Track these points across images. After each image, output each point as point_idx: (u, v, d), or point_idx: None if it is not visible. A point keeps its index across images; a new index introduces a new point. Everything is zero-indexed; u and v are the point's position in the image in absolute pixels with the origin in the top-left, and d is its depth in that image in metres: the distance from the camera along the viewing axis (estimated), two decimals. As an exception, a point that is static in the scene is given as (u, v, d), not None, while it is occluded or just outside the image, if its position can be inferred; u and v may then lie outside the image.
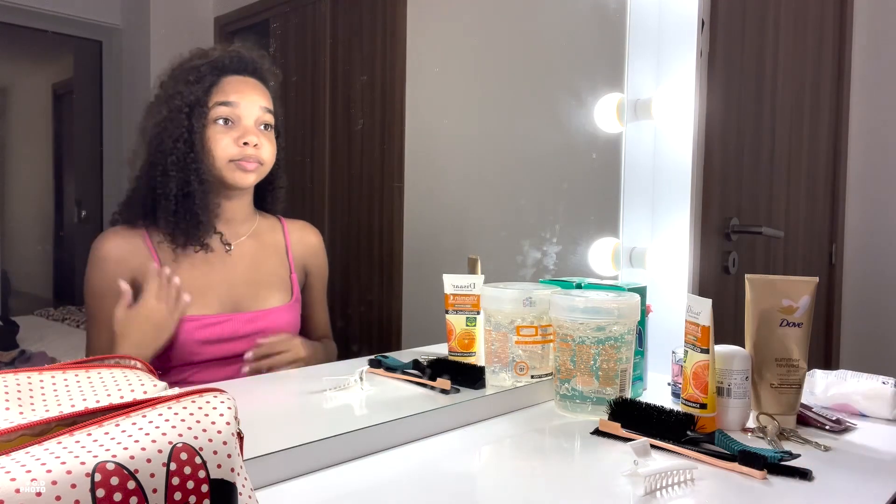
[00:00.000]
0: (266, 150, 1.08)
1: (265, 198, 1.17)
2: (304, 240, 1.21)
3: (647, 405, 0.91)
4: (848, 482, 0.80)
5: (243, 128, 1.05)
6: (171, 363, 1.02)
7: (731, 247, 1.73)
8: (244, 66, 1.08)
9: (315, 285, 1.22)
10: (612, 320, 0.98)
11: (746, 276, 1.04)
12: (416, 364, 1.06)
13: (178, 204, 1.02)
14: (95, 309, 1.01)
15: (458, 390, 1.00)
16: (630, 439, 0.85)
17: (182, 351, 1.02)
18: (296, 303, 1.14)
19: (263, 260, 1.13)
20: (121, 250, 1.02)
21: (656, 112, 1.33)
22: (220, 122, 1.04)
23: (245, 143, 1.05)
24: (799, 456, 0.84)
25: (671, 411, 0.89)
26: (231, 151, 1.04)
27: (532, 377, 1.06)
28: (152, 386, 0.50)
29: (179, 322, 1.01)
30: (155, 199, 1.02)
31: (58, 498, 0.37)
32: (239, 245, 1.11)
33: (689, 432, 0.87)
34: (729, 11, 1.68)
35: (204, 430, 0.44)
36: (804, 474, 0.79)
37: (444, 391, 1.00)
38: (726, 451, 0.83)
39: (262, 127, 1.08)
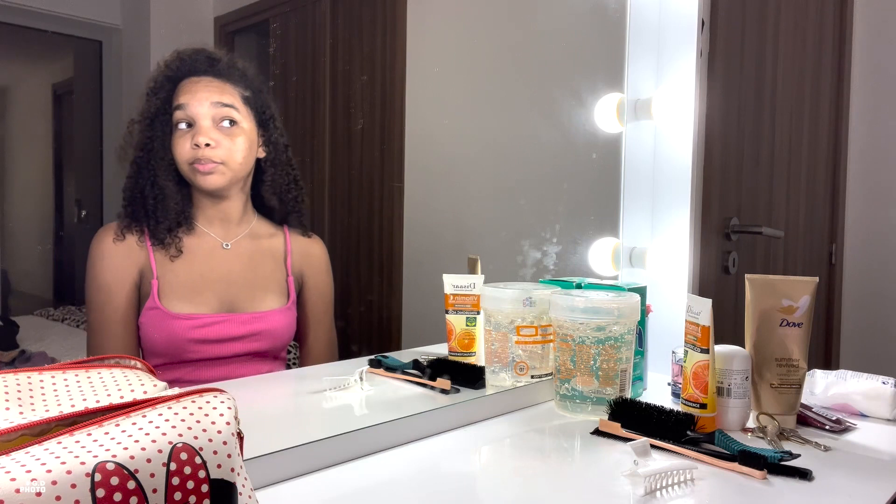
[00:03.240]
0: (223, 150, 1.04)
1: (263, 197, 1.16)
2: (306, 250, 1.19)
3: (647, 405, 0.91)
4: (848, 482, 0.80)
5: (197, 128, 1.03)
6: (163, 360, 1.03)
7: (731, 247, 1.73)
8: (195, 67, 1.06)
9: (313, 299, 1.19)
10: (612, 320, 0.98)
11: (746, 276, 1.04)
12: (416, 364, 1.06)
13: (151, 209, 1.04)
14: (100, 303, 1.01)
15: (458, 390, 1.00)
16: (630, 439, 0.85)
17: (176, 349, 1.02)
18: (292, 306, 1.14)
19: (260, 261, 1.13)
20: (121, 244, 1.02)
21: (656, 112, 1.33)
22: (182, 125, 1.04)
23: (196, 145, 1.03)
24: (799, 456, 0.84)
25: (671, 411, 0.89)
26: (186, 153, 1.03)
27: (532, 377, 1.06)
28: (152, 386, 0.50)
29: (174, 320, 1.01)
30: (137, 206, 1.04)
31: (58, 498, 0.36)
32: (236, 244, 1.11)
33: (689, 432, 0.87)
34: (729, 11, 1.68)
35: (204, 430, 0.44)
36: (804, 474, 0.79)
37: (444, 391, 1.00)
38: (726, 451, 0.83)
39: (223, 124, 1.05)
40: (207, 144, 1.03)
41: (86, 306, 1.03)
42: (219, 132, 1.04)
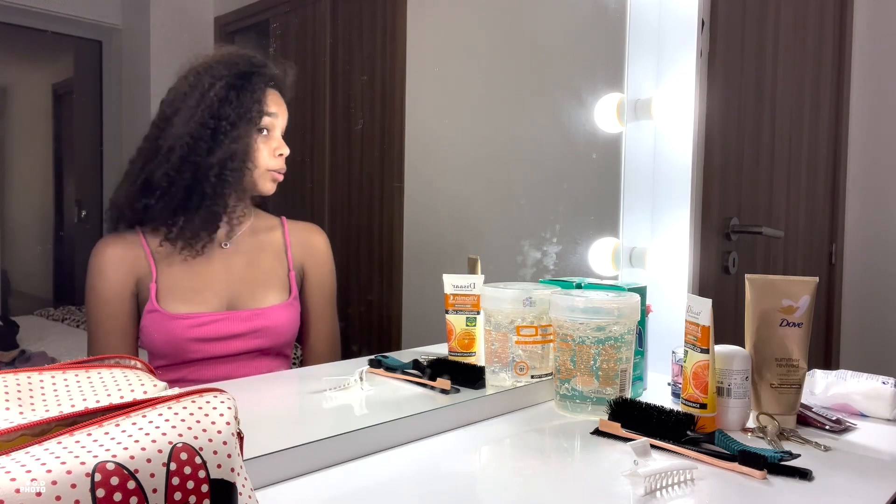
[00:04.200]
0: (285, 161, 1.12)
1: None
2: (306, 241, 1.19)
3: (647, 405, 0.91)
4: (848, 482, 0.80)
5: (277, 139, 1.09)
6: (166, 361, 1.03)
7: (731, 247, 1.73)
8: (279, 82, 1.12)
9: (315, 291, 1.19)
10: (612, 320, 0.98)
11: (746, 276, 1.04)
12: (416, 364, 1.06)
13: (202, 207, 1.02)
14: (100, 315, 1.02)
15: (458, 390, 1.00)
16: (630, 439, 0.85)
17: (177, 349, 1.02)
18: (294, 300, 1.14)
19: (260, 257, 1.13)
20: (120, 255, 1.03)
21: (656, 112, 1.33)
22: (262, 131, 1.08)
23: (280, 155, 1.09)
24: (799, 456, 0.84)
25: (671, 411, 0.89)
26: (271, 162, 1.09)
27: (532, 377, 1.06)
28: (152, 386, 0.50)
29: (173, 321, 1.01)
30: (168, 202, 1.01)
31: (58, 498, 0.37)
32: (235, 242, 1.11)
33: (689, 432, 0.87)
34: (729, 11, 1.68)
35: (204, 430, 0.44)
36: (804, 474, 0.79)
37: (444, 391, 1.00)
38: (726, 451, 0.83)
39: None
40: (285, 157, 1.10)
41: (86, 316, 1.04)
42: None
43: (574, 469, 0.84)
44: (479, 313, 1.12)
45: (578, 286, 1.14)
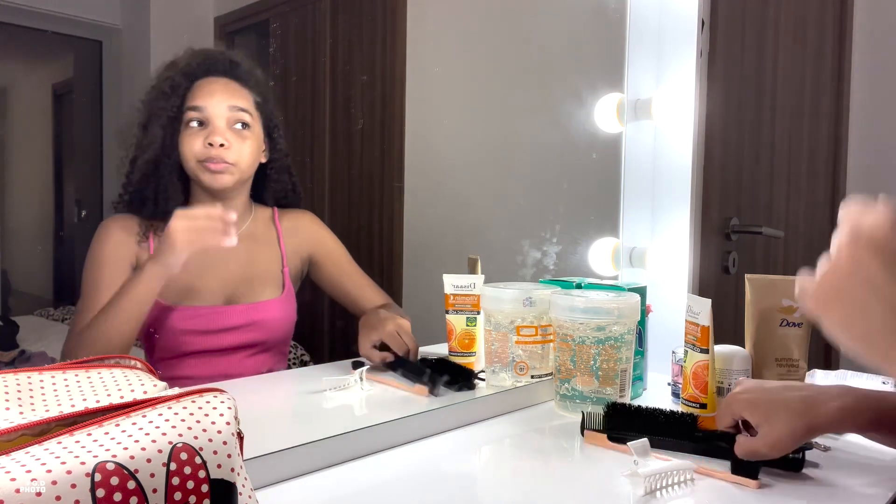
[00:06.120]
0: (234, 151, 1.06)
1: (261, 192, 1.18)
2: (297, 228, 1.20)
3: (643, 409, 0.90)
4: (848, 482, 0.80)
5: (212, 128, 1.04)
6: (164, 355, 1.03)
7: (731, 247, 1.73)
8: (215, 67, 1.08)
9: (332, 266, 1.21)
10: (612, 320, 0.98)
11: (746, 276, 1.04)
12: (423, 361, 1.06)
13: (157, 200, 1.04)
14: (95, 278, 1.01)
15: (436, 395, 0.99)
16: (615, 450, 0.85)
17: (174, 342, 1.02)
18: (288, 296, 1.15)
19: (257, 255, 1.14)
20: (126, 229, 1.03)
21: (656, 112, 1.33)
22: (194, 124, 1.04)
23: (210, 144, 1.04)
24: (799, 455, 0.84)
25: (672, 413, 0.89)
26: (197, 151, 1.04)
27: (532, 377, 1.06)
28: (152, 386, 0.50)
29: (170, 312, 1.02)
30: (140, 196, 1.04)
31: (58, 498, 0.37)
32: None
33: (697, 433, 0.86)
34: (729, 11, 1.68)
35: (204, 430, 0.44)
36: (795, 464, 0.79)
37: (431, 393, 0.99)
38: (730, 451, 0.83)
39: (237, 126, 1.06)
40: (222, 144, 1.04)
41: (81, 284, 1.02)
42: (232, 133, 1.05)
43: (574, 469, 0.84)
44: (479, 313, 1.12)
45: (578, 286, 1.14)
